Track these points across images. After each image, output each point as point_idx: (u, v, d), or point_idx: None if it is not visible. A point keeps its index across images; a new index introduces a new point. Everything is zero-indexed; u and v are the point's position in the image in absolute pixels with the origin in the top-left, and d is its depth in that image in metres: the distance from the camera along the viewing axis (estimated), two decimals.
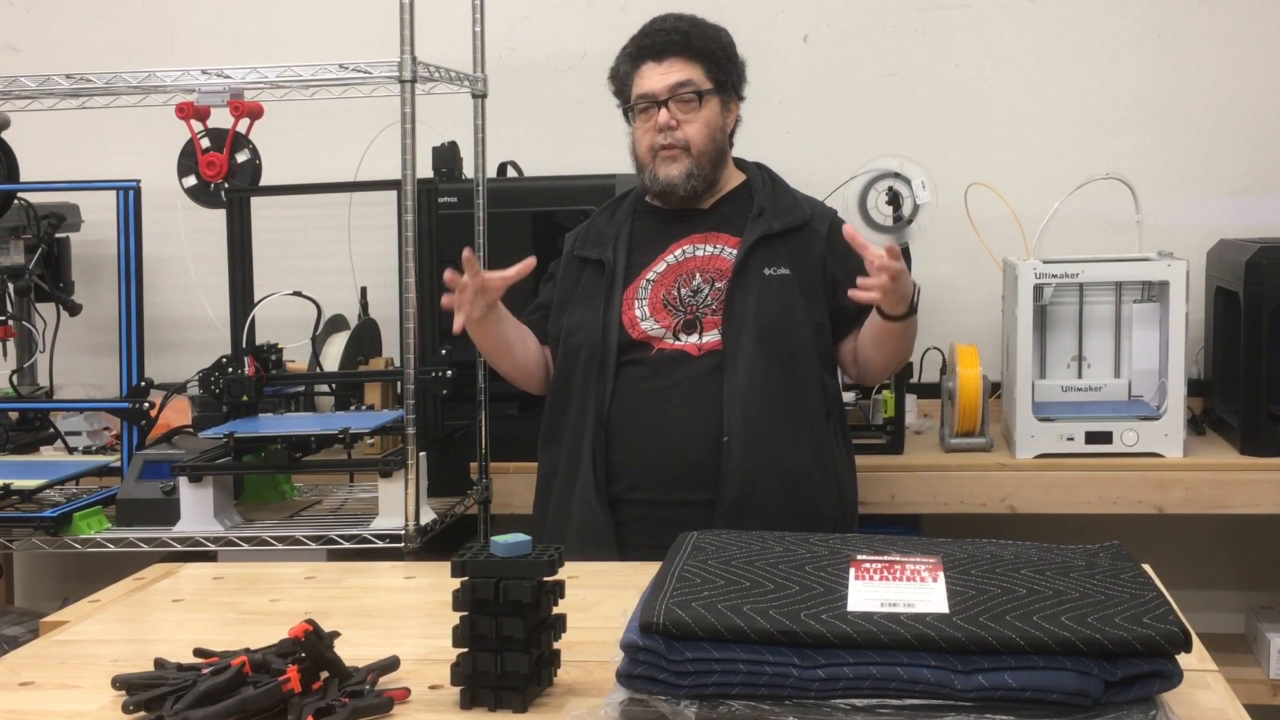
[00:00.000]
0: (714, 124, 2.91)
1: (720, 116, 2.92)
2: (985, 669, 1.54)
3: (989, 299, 3.84)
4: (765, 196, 2.94)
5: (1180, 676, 1.56)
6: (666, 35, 2.91)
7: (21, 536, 3.11)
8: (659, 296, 2.87)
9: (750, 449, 2.76)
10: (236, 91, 3.20)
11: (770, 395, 2.78)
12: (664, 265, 2.90)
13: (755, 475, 2.75)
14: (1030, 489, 3.42)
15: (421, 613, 2.23)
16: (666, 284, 2.88)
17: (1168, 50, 3.97)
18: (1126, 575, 1.74)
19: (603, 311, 2.86)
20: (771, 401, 2.79)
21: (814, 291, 2.86)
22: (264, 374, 3.30)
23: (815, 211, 2.96)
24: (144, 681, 1.77)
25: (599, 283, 2.90)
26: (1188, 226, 3.90)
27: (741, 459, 2.75)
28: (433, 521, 3.10)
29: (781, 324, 2.81)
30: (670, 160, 2.88)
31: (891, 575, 1.73)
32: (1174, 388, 3.41)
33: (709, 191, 2.94)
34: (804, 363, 2.83)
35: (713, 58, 2.91)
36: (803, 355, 2.82)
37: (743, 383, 2.78)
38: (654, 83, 2.88)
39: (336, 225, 4.00)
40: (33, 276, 3.69)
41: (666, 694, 1.59)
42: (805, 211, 2.93)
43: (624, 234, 2.95)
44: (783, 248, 2.87)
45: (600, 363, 2.84)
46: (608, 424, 2.82)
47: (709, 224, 2.93)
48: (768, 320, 2.81)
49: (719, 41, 2.94)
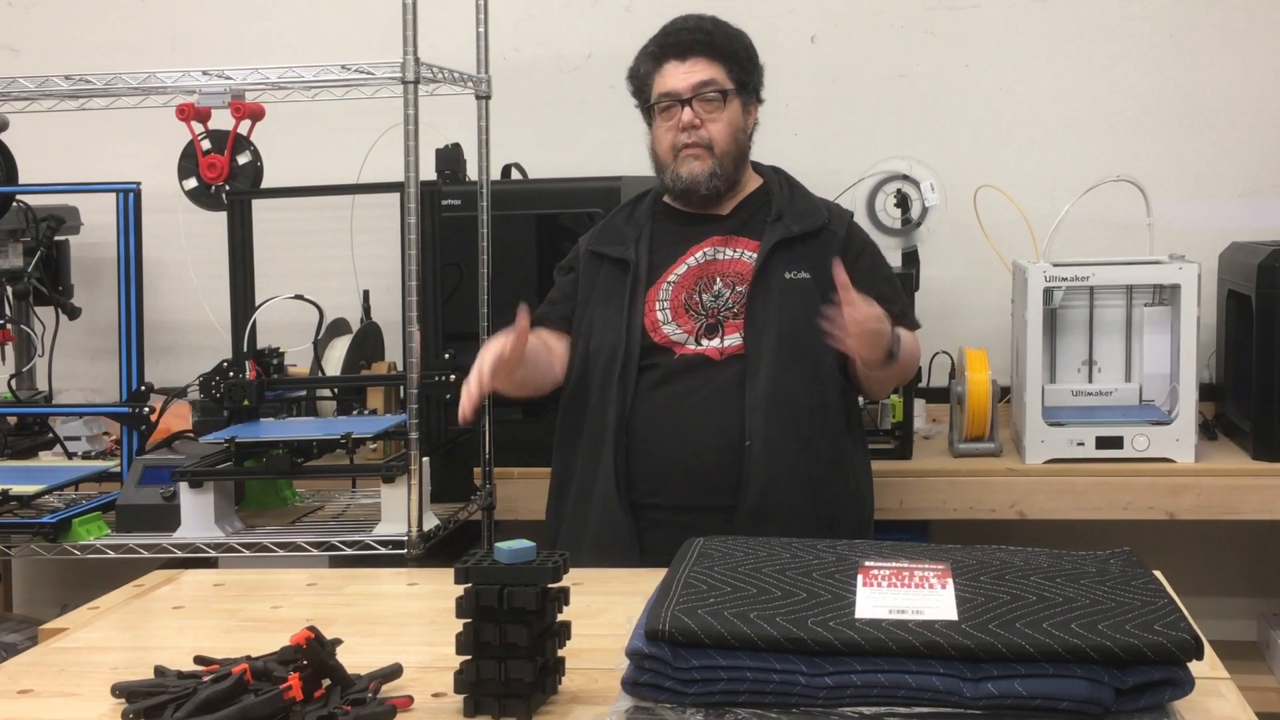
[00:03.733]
0: (736, 124, 2.88)
1: (742, 117, 2.90)
2: (995, 677, 1.54)
3: (998, 302, 3.82)
4: (783, 200, 2.91)
5: (1192, 684, 1.57)
6: (691, 35, 2.88)
7: (20, 543, 3.10)
8: (680, 300, 2.84)
9: (773, 455, 2.73)
10: (238, 93, 3.20)
11: (792, 401, 2.76)
12: (684, 268, 2.87)
13: (777, 481, 2.73)
14: (1040, 494, 3.40)
15: (425, 620, 2.24)
16: (688, 287, 2.85)
17: (1179, 51, 3.96)
18: (1137, 582, 1.74)
19: (626, 314, 2.83)
20: (794, 407, 2.76)
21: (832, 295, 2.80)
22: (265, 378, 3.29)
23: (833, 214, 2.94)
24: (144, 689, 1.77)
25: (619, 283, 2.87)
26: (1199, 229, 3.89)
27: (764, 465, 2.72)
28: (436, 527, 3.09)
29: (803, 329, 2.76)
30: (693, 158, 2.85)
31: (900, 582, 1.73)
32: (1185, 392, 3.40)
33: (729, 194, 2.91)
34: (825, 368, 2.80)
35: (735, 58, 2.88)
36: (824, 361, 2.78)
37: (765, 388, 2.75)
38: (677, 81, 2.86)
39: (339, 228, 3.99)
40: (32, 280, 3.68)
41: (672, 702, 1.59)
42: (823, 214, 2.90)
43: (645, 234, 2.92)
44: (803, 251, 2.84)
45: (622, 367, 2.81)
46: (629, 429, 2.79)
47: (728, 227, 2.90)
48: (790, 325, 2.78)
49: (741, 43, 2.92)
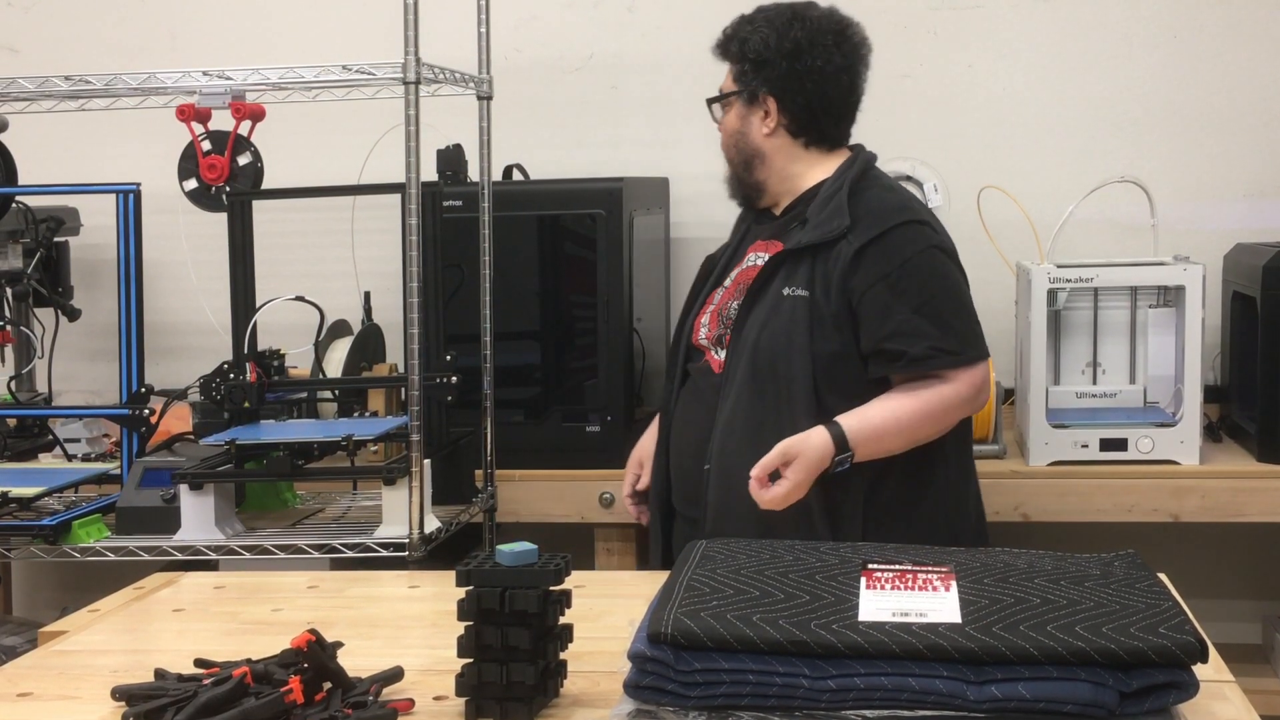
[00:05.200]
0: (731, 130, 2.82)
1: (740, 122, 2.81)
2: (999, 680, 1.55)
3: (1002, 304, 3.81)
4: (820, 202, 2.70)
5: (1196, 687, 1.57)
6: (721, 36, 2.85)
7: (20, 545, 3.10)
8: (719, 305, 2.82)
9: (724, 481, 2.65)
10: (238, 93, 3.19)
11: (751, 428, 2.62)
12: (737, 271, 2.84)
13: (729, 508, 2.64)
14: (1044, 497, 3.39)
15: (426, 623, 2.24)
16: (730, 292, 2.81)
17: (1184, 51, 3.94)
18: (1142, 584, 1.75)
19: (690, 311, 2.87)
20: (751, 435, 2.62)
21: (831, 316, 2.61)
22: (266, 380, 3.29)
23: (861, 223, 2.63)
24: (144, 692, 1.78)
25: (703, 280, 2.91)
26: (1204, 230, 3.88)
27: (717, 491, 2.67)
28: (437, 530, 3.08)
29: (779, 352, 2.62)
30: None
31: (903, 584, 1.74)
32: (1190, 394, 3.38)
33: (779, 193, 2.81)
34: (799, 396, 2.60)
35: (743, 58, 2.79)
36: (798, 388, 2.60)
37: (728, 412, 2.68)
38: None
39: (340, 229, 3.98)
40: (31, 281, 3.67)
41: (674, 705, 1.59)
42: (843, 224, 2.63)
43: (739, 232, 2.92)
44: (809, 265, 2.64)
45: (671, 363, 2.88)
46: (669, 426, 2.85)
47: (772, 230, 2.81)
48: (767, 346, 2.63)
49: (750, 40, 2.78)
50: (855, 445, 2.54)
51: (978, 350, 2.66)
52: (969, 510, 2.78)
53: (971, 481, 2.81)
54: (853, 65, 2.80)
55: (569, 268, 3.61)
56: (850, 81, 2.80)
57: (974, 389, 2.64)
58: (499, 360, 3.43)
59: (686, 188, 4.06)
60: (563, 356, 3.64)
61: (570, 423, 3.56)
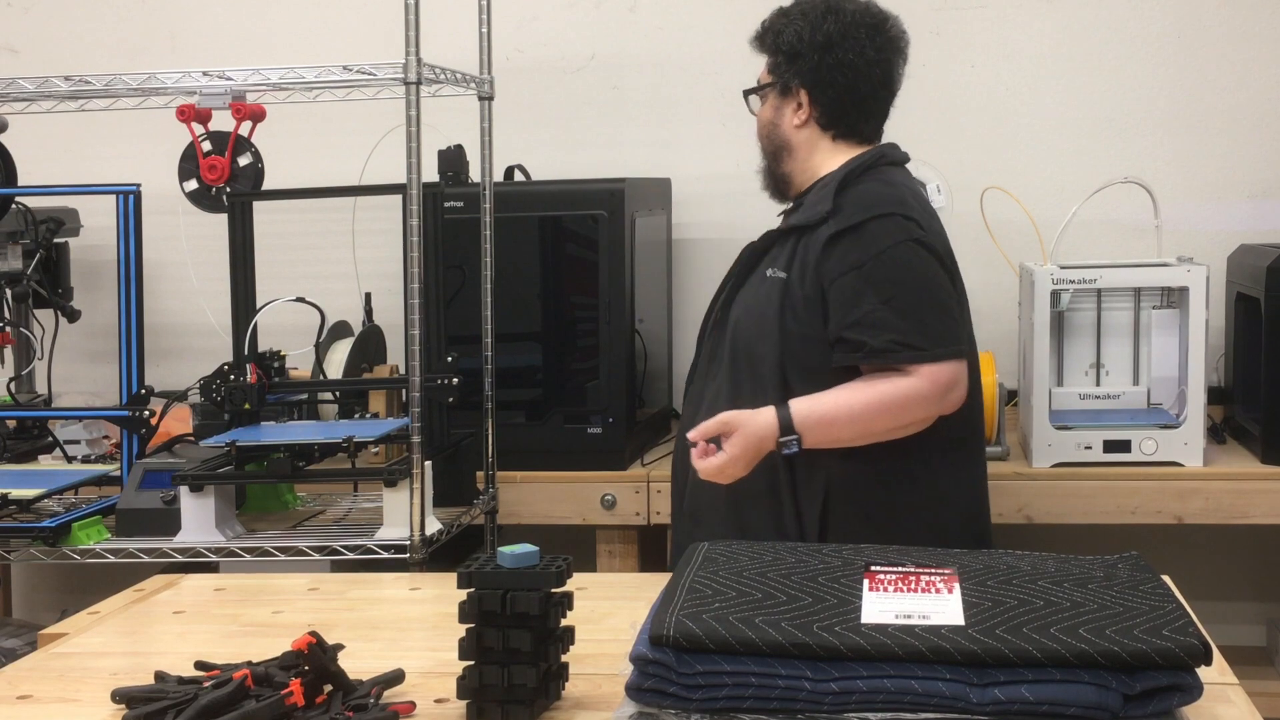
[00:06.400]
0: (764, 121, 2.83)
1: (773, 113, 2.80)
2: (1002, 682, 1.54)
3: (1005, 305, 3.81)
4: (816, 188, 2.73)
5: (1200, 690, 1.57)
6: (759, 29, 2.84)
7: (19, 547, 3.10)
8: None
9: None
10: (238, 94, 3.19)
11: (727, 407, 2.61)
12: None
13: (701, 485, 2.64)
14: (1047, 498, 3.39)
15: (427, 625, 2.23)
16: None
17: (1187, 52, 3.94)
18: (1145, 587, 1.74)
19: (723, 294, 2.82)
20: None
21: (804, 299, 2.61)
22: (266, 381, 3.29)
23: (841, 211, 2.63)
24: (144, 695, 1.78)
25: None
26: (1208, 231, 3.88)
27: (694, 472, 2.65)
28: (438, 532, 3.08)
29: (754, 333, 2.65)
30: None
31: (906, 586, 1.74)
32: (1194, 395, 3.38)
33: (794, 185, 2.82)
34: (769, 377, 2.62)
35: (776, 51, 2.80)
36: (766, 368, 2.62)
37: (711, 390, 2.71)
38: None
39: (340, 230, 3.98)
40: (31, 282, 3.67)
41: (676, 707, 1.59)
42: (825, 209, 2.63)
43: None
44: (792, 248, 2.67)
45: (699, 344, 2.84)
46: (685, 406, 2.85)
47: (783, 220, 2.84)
48: (745, 328, 2.67)
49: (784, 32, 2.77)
50: (802, 429, 2.52)
51: (946, 348, 2.57)
52: (951, 515, 2.69)
53: (962, 486, 2.74)
54: (887, 59, 2.76)
55: (570, 269, 3.61)
56: (884, 75, 2.77)
57: (938, 386, 2.55)
58: (500, 361, 3.42)
59: (688, 188, 4.06)
60: (564, 358, 3.63)
61: (572, 424, 3.56)
